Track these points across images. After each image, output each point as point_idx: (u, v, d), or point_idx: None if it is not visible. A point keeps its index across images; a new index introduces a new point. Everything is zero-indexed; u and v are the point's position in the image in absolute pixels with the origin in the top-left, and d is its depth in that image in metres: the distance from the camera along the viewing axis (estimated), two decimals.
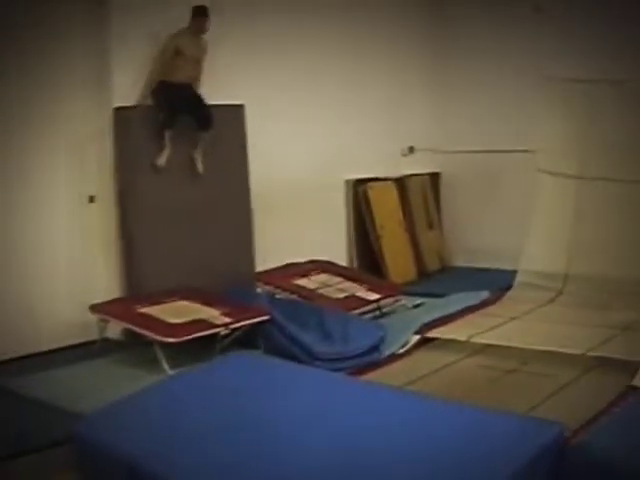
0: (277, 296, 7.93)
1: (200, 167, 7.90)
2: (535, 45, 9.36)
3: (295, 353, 6.62)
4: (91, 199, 7.61)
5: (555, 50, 9.20)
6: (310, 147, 9.28)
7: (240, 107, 8.22)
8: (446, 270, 10.80)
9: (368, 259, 9.99)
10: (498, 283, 9.18)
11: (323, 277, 8.66)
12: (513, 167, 10.11)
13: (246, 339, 6.97)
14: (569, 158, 9.22)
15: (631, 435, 4.04)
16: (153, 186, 7.61)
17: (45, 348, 7.12)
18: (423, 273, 10.45)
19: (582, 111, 9.15)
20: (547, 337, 7.17)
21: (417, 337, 7.37)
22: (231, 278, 7.90)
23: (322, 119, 9.39)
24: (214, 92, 7.78)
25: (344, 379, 5.48)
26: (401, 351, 7.15)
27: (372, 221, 9.95)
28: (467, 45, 10.73)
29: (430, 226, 10.86)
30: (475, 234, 10.77)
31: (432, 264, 10.69)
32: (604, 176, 8.93)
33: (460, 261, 10.87)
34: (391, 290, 8.84)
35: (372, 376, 6.38)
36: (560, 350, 6.75)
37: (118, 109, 7.51)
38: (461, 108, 10.82)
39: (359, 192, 9.96)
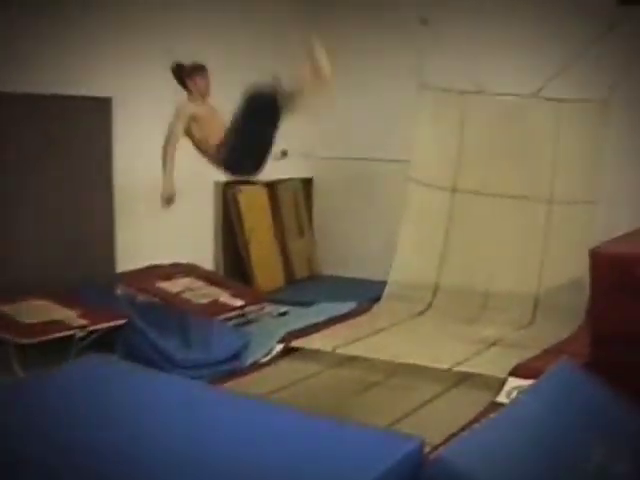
0: (138, 299, 7.67)
1: None
2: (417, 53, 9.31)
3: (154, 359, 6.37)
4: None
5: (435, 60, 9.19)
6: (178, 144, 8.98)
7: (107, 100, 7.92)
8: (315, 278, 10.64)
9: (235, 264, 9.72)
10: (367, 294, 9.10)
11: (186, 281, 8.35)
12: (388, 176, 9.99)
13: (104, 343, 6.67)
14: (442, 169, 9.20)
15: (489, 451, 3.95)
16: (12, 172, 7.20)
17: None
18: (291, 281, 10.27)
19: (457, 122, 9.16)
20: (414, 350, 7.08)
21: (281, 346, 7.20)
22: (90, 278, 7.60)
23: None
24: (76, 82, 7.48)
25: (198, 386, 5.24)
26: (264, 360, 6.99)
27: (241, 226, 9.68)
28: (349, 47, 10.15)
29: (301, 233, 10.71)
30: (347, 243, 10.63)
31: (301, 272, 10.53)
32: (478, 190, 8.96)
33: (330, 270, 10.70)
34: (256, 297, 8.64)
35: (233, 384, 6.19)
36: (426, 364, 6.68)
37: None
38: (338, 113, 10.52)
39: (228, 195, 9.70)
